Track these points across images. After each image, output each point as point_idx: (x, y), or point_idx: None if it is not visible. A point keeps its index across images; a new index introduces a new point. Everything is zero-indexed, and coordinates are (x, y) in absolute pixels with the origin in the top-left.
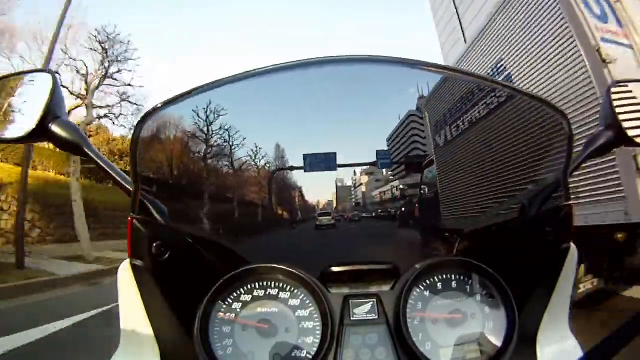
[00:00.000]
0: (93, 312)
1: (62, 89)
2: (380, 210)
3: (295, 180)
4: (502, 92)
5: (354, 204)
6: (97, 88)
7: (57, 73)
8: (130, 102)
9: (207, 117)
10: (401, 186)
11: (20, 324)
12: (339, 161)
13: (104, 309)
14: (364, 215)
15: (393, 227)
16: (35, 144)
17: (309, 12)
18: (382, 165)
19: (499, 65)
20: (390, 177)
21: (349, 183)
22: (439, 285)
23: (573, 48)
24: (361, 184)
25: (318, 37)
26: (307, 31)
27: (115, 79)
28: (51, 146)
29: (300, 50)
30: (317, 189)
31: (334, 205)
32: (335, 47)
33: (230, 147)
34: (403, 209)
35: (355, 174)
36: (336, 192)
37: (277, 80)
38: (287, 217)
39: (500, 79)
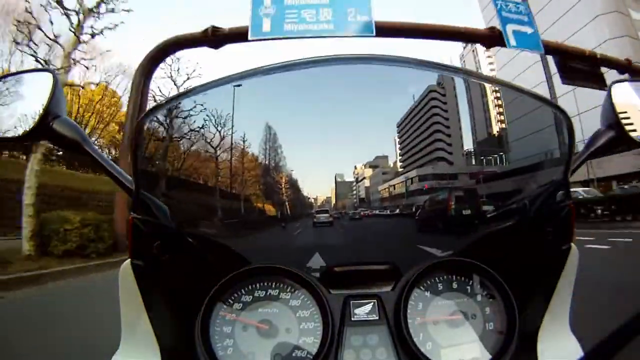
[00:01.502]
0: None
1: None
2: (387, 207)
3: (297, 179)
4: (505, 91)
5: (356, 200)
6: None
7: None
8: None
9: (209, 115)
10: (418, 177)
11: None
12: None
13: None
14: (367, 212)
15: (394, 226)
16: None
17: None
18: (520, 41)
19: None
20: (400, 169)
21: (350, 178)
22: (440, 285)
23: None
24: (364, 178)
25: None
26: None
27: None
28: None
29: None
30: (319, 186)
31: (333, 202)
32: (335, 47)
33: (232, 146)
34: (426, 207)
35: (355, 167)
36: (335, 187)
37: (280, 78)
38: (287, 217)
39: None
